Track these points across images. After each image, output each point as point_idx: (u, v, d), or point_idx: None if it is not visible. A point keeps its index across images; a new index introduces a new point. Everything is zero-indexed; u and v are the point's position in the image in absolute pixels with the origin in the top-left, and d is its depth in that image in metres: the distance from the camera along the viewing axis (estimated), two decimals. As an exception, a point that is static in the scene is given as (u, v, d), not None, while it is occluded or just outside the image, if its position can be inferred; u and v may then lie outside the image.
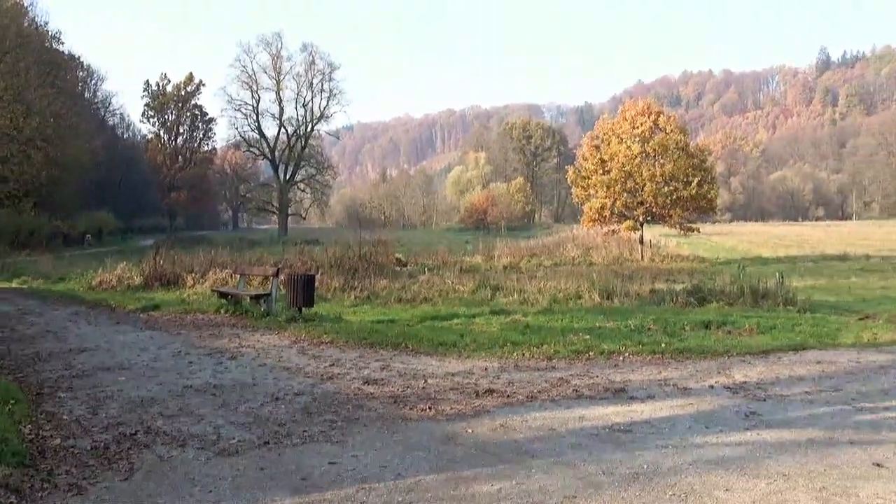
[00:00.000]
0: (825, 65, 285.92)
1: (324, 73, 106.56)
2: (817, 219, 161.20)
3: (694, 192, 41.85)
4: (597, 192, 43.25)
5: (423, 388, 10.60)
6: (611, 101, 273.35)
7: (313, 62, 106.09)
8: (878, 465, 7.18)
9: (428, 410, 9.32)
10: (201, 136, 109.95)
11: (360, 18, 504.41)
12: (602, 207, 43.13)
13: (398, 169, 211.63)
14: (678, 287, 23.34)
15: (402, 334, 15.07)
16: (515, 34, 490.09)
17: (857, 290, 26.84)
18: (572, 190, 46.46)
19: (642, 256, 43.47)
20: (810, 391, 10.33)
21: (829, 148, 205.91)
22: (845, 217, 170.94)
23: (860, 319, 17.89)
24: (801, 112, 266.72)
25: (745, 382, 10.89)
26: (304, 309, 17.77)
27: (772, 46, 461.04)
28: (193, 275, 26.70)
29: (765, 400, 9.83)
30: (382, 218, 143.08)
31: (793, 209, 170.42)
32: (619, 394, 10.19)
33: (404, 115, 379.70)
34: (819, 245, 57.64)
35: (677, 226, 44.49)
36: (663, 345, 13.79)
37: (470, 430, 8.45)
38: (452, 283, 25.37)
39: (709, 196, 43.45)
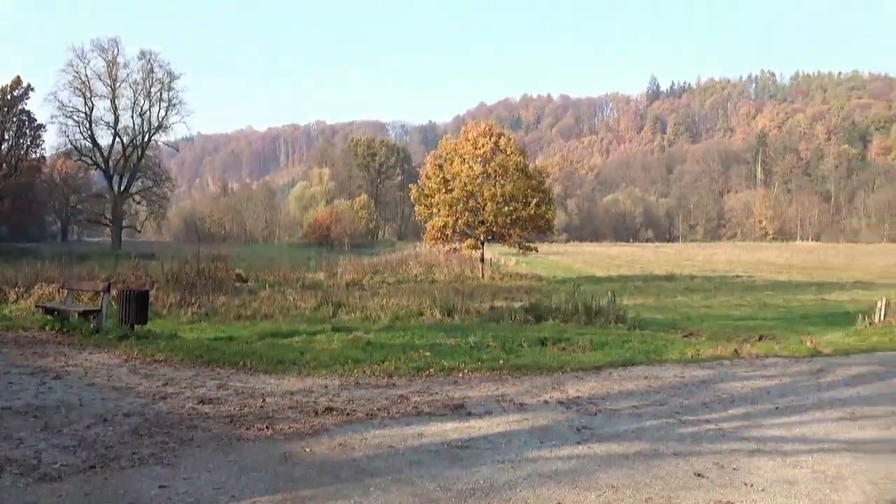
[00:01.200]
0: (655, 94, 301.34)
1: (163, 82, 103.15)
2: (647, 240, 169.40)
3: (532, 212, 43.01)
4: (439, 210, 43.74)
5: (261, 406, 10.38)
6: (454, 121, 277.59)
7: (152, 70, 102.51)
8: (698, 475, 7.58)
9: (265, 430, 9.14)
10: (28, 143, 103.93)
11: (203, 24, 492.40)
12: (444, 226, 43.66)
13: (240, 182, 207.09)
14: (517, 305, 23.92)
15: (241, 352, 14.72)
16: (360, 51, 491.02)
17: (682, 308, 28.33)
18: (416, 208, 46.80)
19: (483, 274, 44.30)
20: (638, 405, 10.80)
21: (658, 173, 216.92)
22: (672, 239, 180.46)
23: (685, 336, 18.86)
24: (633, 138, 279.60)
25: (578, 397, 11.26)
26: (136, 326, 17.04)
27: (606, 74, 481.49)
28: (17, 289, 25.10)
29: (596, 414, 10.20)
30: (223, 233, 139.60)
31: (625, 230, 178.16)
32: (458, 410, 10.32)
33: (247, 127, 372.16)
34: (648, 265, 60.56)
35: (516, 245, 45.57)
36: (501, 361, 14.08)
37: (308, 450, 8.34)
38: (294, 299, 25.05)
39: (546, 216, 44.77)
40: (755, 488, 7.19)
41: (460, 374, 13.05)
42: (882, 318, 20.06)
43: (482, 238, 44.74)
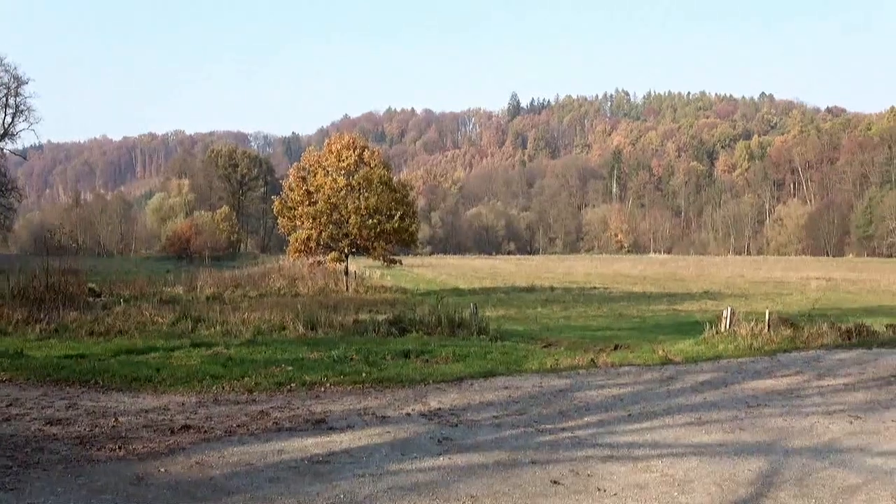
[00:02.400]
0: (515, 110, 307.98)
1: (9, 87, 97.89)
2: (509, 253, 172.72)
3: (397, 225, 43.12)
4: (303, 223, 43.25)
5: (114, 426, 10.00)
6: (318, 133, 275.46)
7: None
8: (555, 482, 7.78)
9: (118, 450, 8.80)
10: None
11: (54, 27, 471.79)
12: (308, 238, 43.19)
13: (94, 193, 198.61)
14: (381, 317, 23.89)
15: (93, 370, 14.13)
16: (221, 59, 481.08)
17: (542, 319, 28.99)
18: (279, 220, 46.08)
19: (347, 287, 44.07)
20: (498, 415, 10.98)
21: (519, 187, 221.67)
22: (533, 251, 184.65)
23: (544, 347, 19.31)
24: (495, 153, 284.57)
25: (439, 409, 11.36)
26: (-22, 344, 16.11)
27: (469, 90, 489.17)
28: None
29: (457, 425, 10.31)
30: (75, 245, 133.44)
31: (488, 243, 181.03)
32: (320, 424, 10.24)
33: (102, 136, 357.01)
34: (510, 277, 61.70)
35: (381, 258, 45.54)
36: (364, 374, 14.05)
37: (163, 469, 8.09)
38: (151, 314, 24.23)
39: (410, 229, 44.98)
40: (608, 493, 7.44)
41: (323, 389, 12.95)
42: (727, 326, 21.07)
43: (346, 251, 44.49)
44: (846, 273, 69.07)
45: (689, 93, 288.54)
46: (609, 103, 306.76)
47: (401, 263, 50.22)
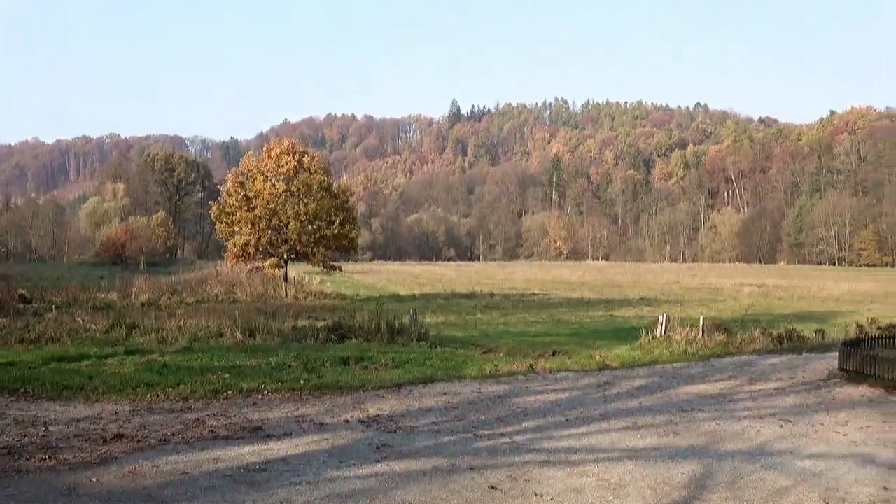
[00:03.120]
0: (456, 117, 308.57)
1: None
2: (449, 259, 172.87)
3: (337, 231, 42.93)
4: (241, 228, 42.79)
5: (44, 436, 9.77)
6: (257, 138, 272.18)
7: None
8: (493, 487, 7.82)
9: (48, 460, 8.60)
10: None
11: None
12: (247, 244, 42.73)
13: (25, 197, 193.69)
14: (320, 324, 23.78)
15: (22, 378, 13.79)
16: (157, 62, 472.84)
17: (482, 325, 29.12)
18: (216, 226, 45.52)
19: (286, 294, 43.72)
20: (437, 421, 11.00)
21: (459, 193, 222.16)
22: (473, 258, 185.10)
23: (483, 353, 19.41)
24: (436, 159, 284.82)
25: (378, 415, 11.33)
26: None
27: (410, 96, 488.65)
28: None
29: (395, 432, 10.30)
30: (5, 250, 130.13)
31: (428, 249, 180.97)
32: (257, 432, 10.13)
33: (33, 138, 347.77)
34: (450, 284, 61.80)
35: (321, 264, 45.29)
36: (302, 381, 13.96)
37: (95, 480, 7.92)
38: (84, 321, 23.71)
39: (350, 235, 44.82)
40: (545, 498, 7.50)
41: (260, 396, 12.83)
42: (663, 332, 21.41)
43: (286, 257, 44.14)
44: (778, 280, 70.67)
45: (626, 102, 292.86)
46: (548, 111, 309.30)
47: (341, 269, 50.02)
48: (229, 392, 12.98)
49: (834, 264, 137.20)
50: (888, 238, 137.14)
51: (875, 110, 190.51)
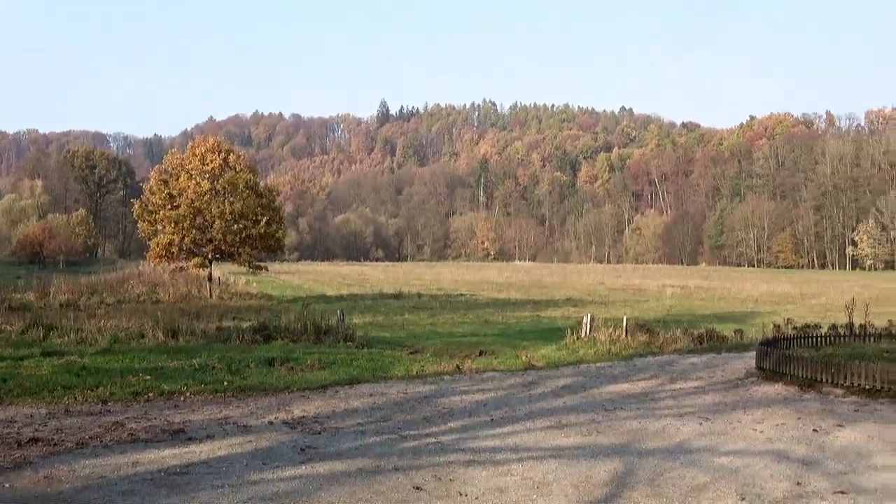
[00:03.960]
0: (385, 117, 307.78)
1: None
2: (377, 259, 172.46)
3: (263, 230, 42.43)
4: (164, 227, 41.98)
5: (-46, 441, 9.44)
6: (182, 135, 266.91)
7: None
8: (417, 488, 7.83)
9: (-43, 466, 8.32)
10: None
11: None
12: (170, 243, 41.94)
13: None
14: (245, 325, 23.49)
15: (-70, 382, 13.30)
16: (78, 56, 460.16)
17: (409, 325, 29.13)
18: (139, 224, 44.55)
19: (211, 294, 43.07)
20: (363, 422, 10.96)
21: (387, 194, 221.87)
22: (402, 258, 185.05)
23: (410, 353, 19.41)
24: (364, 159, 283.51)
25: (303, 417, 11.24)
26: None
27: (338, 96, 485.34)
28: None
29: (321, 433, 10.24)
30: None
31: (356, 250, 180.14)
32: (178, 435, 9.96)
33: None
34: (378, 284, 61.65)
35: (246, 264, 44.72)
36: (226, 383, 13.78)
37: (8, 485, 7.69)
38: (-2, 322, 22.98)
39: (277, 235, 44.36)
40: (469, 497, 7.54)
41: (182, 398, 12.62)
42: (588, 332, 21.71)
43: (210, 256, 43.46)
44: (699, 281, 72.27)
45: (553, 105, 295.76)
46: (477, 113, 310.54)
47: (267, 270, 49.45)
48: (150, 394, 12.74)
49: (753, 266, 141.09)
50: (804, 241, 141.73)
51: (792, 116, 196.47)
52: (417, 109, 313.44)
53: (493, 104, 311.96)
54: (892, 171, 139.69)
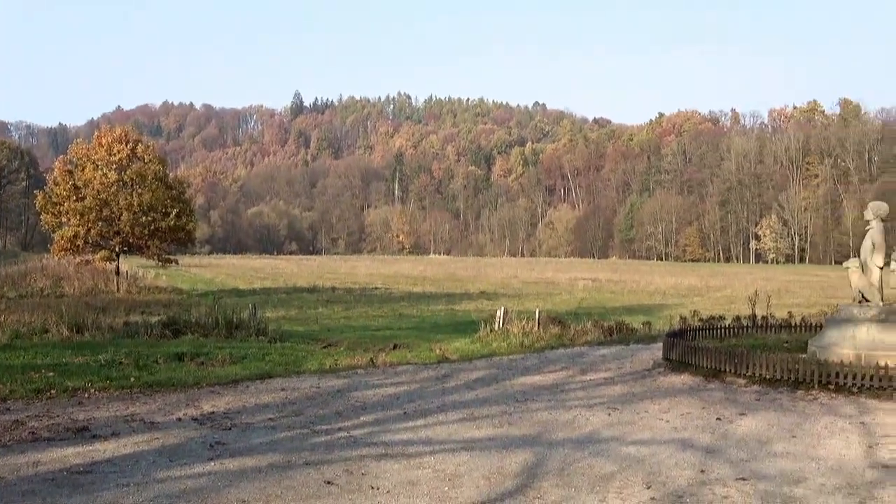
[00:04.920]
0: (299, 109, 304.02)
1: None
2: (291, 253, 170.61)
3: (173, 223, 41.52)
4: (69, 219, 40.70)
5: None
6: (88, 125, 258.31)
7: None
8: (329, 482, 7.79)
9: None
10: None
11: None
12: (75, 236, 40.70)
13: None
14: (154, 319, 22.97)
15: None
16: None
17: (323, 319, 28.94)
18: (42, 216, 43.08)
19: (118, 288, 41.96)
20: (274, 417, 10.85)
21: (301, 187, 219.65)
22: (316, 252, 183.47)
23: (324, 347, 19.29)
24: (278, 151, 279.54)
25: (213, 413, 11.07)
26: None
27: (251, 86, 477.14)
28: None
29: (231, 429, 10.09)
30: None
31: (269, 243, 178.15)
32: (82, 433, 9.69)
33: None
34: (292, 278, 61.03)
35: (155, 257, 43.76)
36: (133, 378, 13.47)
37: None
38: None
39: (187, 228, 43.50)
40: (381, 491, 7.53)
41: (87, 395, 12.28)
42: (501, 325, 21.94)
43: (118, 249, 42.34)
44: (610, 274, 73.67)
45: (468, 99, 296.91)
46: (392, 106, 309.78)
47: (177, 263, 48.43)
48: (53, 391, 12.36)
49: (661, 259, 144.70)
50: (710, 235, 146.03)
51: (699, 114, 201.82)
52: (332, 101, 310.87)
53: (408, 97, 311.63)
54: (793, 167, 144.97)
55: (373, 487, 7.64)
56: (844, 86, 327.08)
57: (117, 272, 43.89)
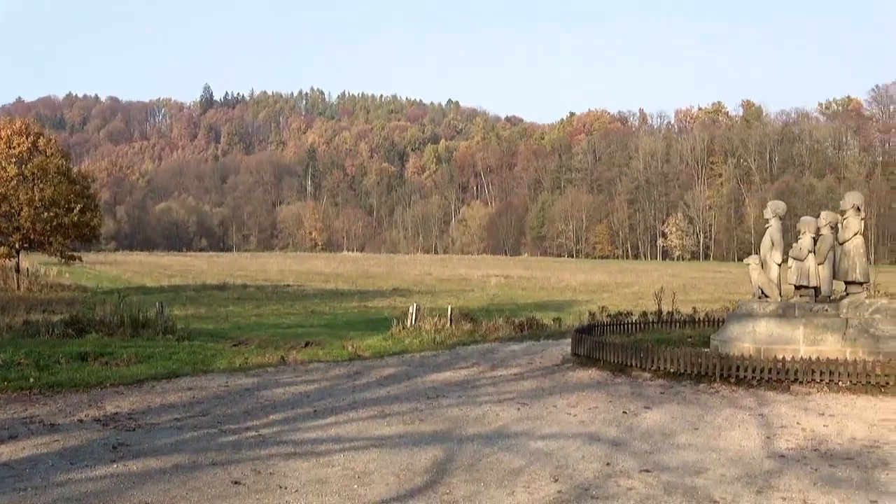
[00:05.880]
0: (209, 103, 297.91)
1: None
2: (201, 249, 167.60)
3: (76, 219, 40.27)
4: (-35, 215, 39.17)
5: None
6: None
7: None
8: (236, 482, 7.69)
9: None
10: None
11: None
12: (-29, 232, 39.19)
13: None
14: (56, 318, 22.23)
15: None
16: None
17: (234, 317, 28.50)
18: (-67, 212, 41.33)
19: (18, 286, 40.52)
20: (180, 417, 10.65)
21: (212, 182, 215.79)
22: (227, 248, 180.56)
23: (234, 345, 19.00)
24: (187, 146, 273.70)
25: (117, 413, 10.80)
26: None
27: (159, 79, 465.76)
28: None
29: (135, 430, 9.87)
30: None
31: (178, 240, 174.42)
32: (-23, 437, 9.34)
33: None
34: (202, 275, 59.97)
35: (58, 254, 42.39)
36: (32, 379, 13.05)
37: None
38: None
39: (92, 224, 42.27)
40: (289, 490, 7.47)
41: (-18, 397, 11.83)
42: (413, 321, 21.98)
43: (18, 246, 40.87)
44: (522, 271, 74.51)
45: (381, 95, 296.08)
46: (304, 101, 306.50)
47: (81, 260, 47.04)
48: (-55, 394, 11.88)
49: (572, 256, 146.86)
50: (619, 232, 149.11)
51: (609, 114, 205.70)
52: (243, 96, 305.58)
53: (321, 93, 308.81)
54: (698, 167, 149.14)
55: (281, 487, 7.57)
56: (747, 88, 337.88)
57: (17, 270, 42.39)
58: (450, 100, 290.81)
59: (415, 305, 23.27)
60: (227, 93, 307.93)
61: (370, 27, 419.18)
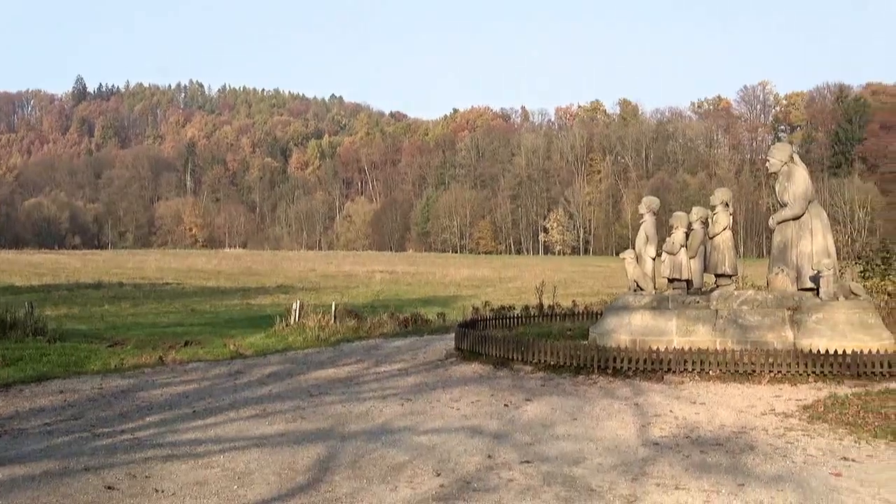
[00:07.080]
0: (81, 94, 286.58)
1: None
2: (74, 247, 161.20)
3: (-64, 215, 38.32)
4: None
5: None
6: None
7: None
8: (110, 487, 7.45)
9: None
10: None
11: None
12: None
13: None
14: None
15: None
16: None
17: (109, 317, 27.57)
18: None
19: None
20: (51, 422, 10.26)
21: (85, 177, 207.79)
22: (102, 246, 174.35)
23: (109, 346, 18.38)
24: (58, 139, 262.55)
25: (-20, 420, 10.32)
26: None
27: (28, 69, 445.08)
28: None
29: (0, 436, 9.43)
30: None
31: (50, 237, 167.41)
32: None
33: None
34: (75, 273, 57.76)
35: (-84, 253, 40.20)
36: None
37: None
38: None
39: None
40: (166, 493, 7.29)
41: None
42: (297, 319, 21.75)
43: None
44: (406, 266, 74.67)
45: (263, 89, 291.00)
46: (183, 94, 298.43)
47: (-59, 259, 44.68)
48: None
49: (456, 252, 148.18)
50: (502, 228, 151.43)
51: (491, 110, 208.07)
52: (118, 88, 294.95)
53: (201, 85, 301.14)
54: (578, 163, 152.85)
55: (157, 490, 7.37)
56: (624, 87, 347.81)
57: None
58: (333, 95, 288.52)
59: (298, 302, 23.04)
60: (101, 84, 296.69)
61: (251, 20, 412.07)
